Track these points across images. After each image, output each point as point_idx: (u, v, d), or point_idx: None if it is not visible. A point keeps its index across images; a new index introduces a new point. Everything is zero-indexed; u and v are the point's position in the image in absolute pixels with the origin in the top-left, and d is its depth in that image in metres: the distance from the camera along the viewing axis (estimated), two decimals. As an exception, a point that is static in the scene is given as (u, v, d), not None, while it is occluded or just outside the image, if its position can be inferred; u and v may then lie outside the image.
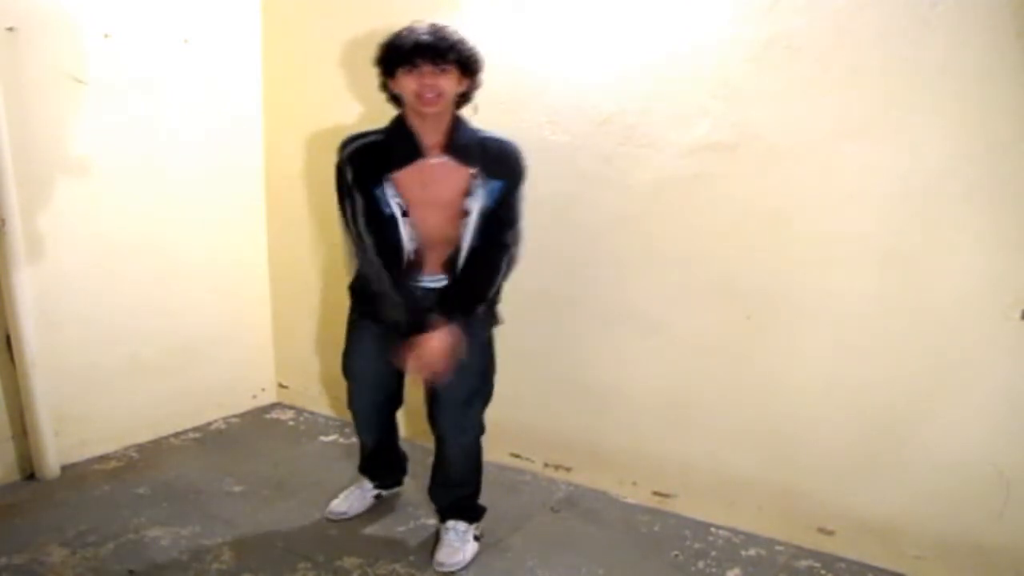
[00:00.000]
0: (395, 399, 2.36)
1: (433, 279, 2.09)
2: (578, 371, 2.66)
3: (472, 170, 1.98)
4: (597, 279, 2.55)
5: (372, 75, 2.34)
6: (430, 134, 1.98)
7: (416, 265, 2.07)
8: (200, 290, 3.07)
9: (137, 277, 2.84)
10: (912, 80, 2.00)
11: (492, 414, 2.32)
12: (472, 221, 2.00)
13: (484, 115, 2.57)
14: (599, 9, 2.40)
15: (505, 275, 2.08)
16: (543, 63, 2.50)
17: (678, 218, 2.39)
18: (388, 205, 1.99)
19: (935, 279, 2.05)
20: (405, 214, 2.01)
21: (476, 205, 1.99)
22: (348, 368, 2.29)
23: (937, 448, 2.11)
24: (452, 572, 2.17)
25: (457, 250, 2.04)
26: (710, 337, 2.40)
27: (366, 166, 2.00)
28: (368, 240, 2.04)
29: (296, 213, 3.18)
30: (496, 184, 1.99)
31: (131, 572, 2.11)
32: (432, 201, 2.01)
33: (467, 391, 2.14)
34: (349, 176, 2.03)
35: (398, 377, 2.27)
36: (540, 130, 2.54)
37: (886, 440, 2.18)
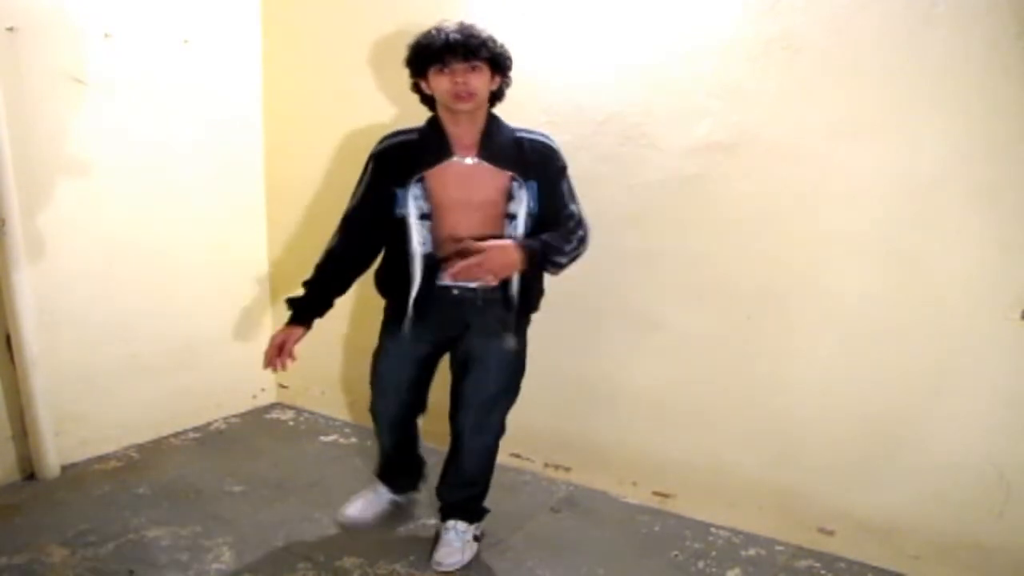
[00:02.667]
0: (418, 405, 2.28)
1: (474, 280, 1.98)
2: (578, 371, 2.65)
3: (510, 174, 1.96)
4: (597, 279, 2.55)
5: (372, 75, 2.35)
6: (464, 134, 1.97)
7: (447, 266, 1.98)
8: (200, 290, 3.06)
9: (137, 277, 2.84)
10: (912, 80, 2.00)
11: (492, 414, 2.33)
12: (520, 224, 1.97)
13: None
14: (600, 9, 2.40)
15: (576, 253, 2.03)
16: (543, 63, 2.50)
17: (678, 218, 2.39)
18: (404, 207, 1.96)
19: (935, 279, 2.05)
20: (425, 217, 1.97)
21: (521, 209, 1.97)
22: (377, 369, 2.21)
23: (937, 448, 2.11)
24: (451, 572, 2.16)
25: None
26: (710, 337, 2.40)
27: (395, 165, 1.99)
28: (348, 238, 2.08)
29: (296, 213, 3.17)
30: (534, 183, 1.98)
31: (131, 572, 2.11)
32: (464, 203, 1.97)
33: (496, 388, 2.12)
34: (369, 172, 2.04)
35: (425, 384, 2.22)
36: (540, 130, 2.53)
37: (886, 440, 2.18)
